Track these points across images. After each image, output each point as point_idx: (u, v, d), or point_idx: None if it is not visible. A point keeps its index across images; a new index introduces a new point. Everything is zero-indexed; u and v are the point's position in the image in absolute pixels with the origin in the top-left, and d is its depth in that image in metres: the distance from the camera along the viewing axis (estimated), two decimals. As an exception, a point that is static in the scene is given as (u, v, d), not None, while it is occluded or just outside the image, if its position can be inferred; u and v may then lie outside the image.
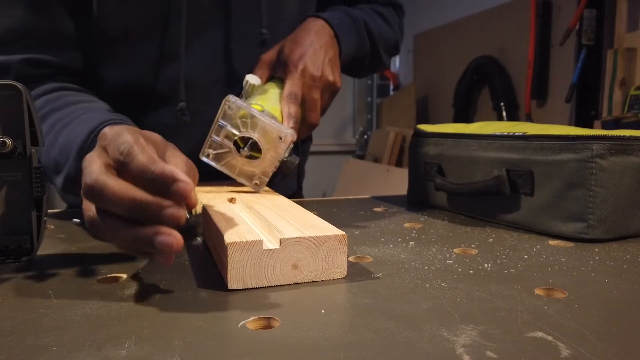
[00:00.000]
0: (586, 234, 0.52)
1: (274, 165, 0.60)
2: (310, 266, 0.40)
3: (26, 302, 0.36)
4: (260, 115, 0.58)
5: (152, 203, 0.34)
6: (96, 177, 0.35)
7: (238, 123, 0.59)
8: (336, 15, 0.75)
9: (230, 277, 0.38)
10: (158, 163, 0.35)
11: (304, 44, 0.67)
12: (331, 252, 0.40)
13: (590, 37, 1.91)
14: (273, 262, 0.39)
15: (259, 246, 0.38)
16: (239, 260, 0.38)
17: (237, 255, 0.38)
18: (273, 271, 0.39)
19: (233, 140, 0.60)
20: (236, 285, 0.38)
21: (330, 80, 0.68)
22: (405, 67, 3.43)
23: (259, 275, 0.39)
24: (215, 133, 0.60)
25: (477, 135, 0.64)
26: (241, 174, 0.62)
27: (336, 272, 0.41)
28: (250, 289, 0.38)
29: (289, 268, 0.39)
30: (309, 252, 0.40)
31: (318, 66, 0.66)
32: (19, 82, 0.44)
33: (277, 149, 0.59)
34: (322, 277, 0.40)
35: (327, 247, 0.40)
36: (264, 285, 0.39)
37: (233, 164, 0.61)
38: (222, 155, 0.61)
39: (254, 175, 0.62)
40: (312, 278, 0.40)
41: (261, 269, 0.38)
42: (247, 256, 0.38)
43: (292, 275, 0.39)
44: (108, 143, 0.38)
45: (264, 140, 0.59)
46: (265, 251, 0.38)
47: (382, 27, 0.84)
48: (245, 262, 0.38)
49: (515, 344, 0.28)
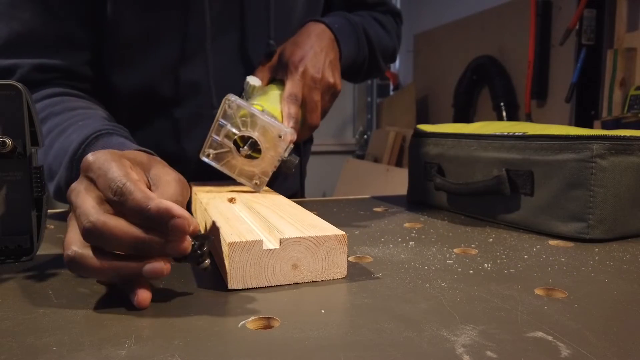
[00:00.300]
0: (586, 234, 0.52)
1: (274, 165, 0.60)
2: (310, 266, 0.40)
3: (26, 302, 0.36)
4: (260, 114, 0.58)
5: (155, 241, 0.34)
6: (95, 220, 0.34)
7: (238, 122, 0.59)
8: (336, 20, 0.75)
9: (231, 277, 0.38)
10: (152, 200, 0.34)
11: (304, 47, 0.67)
12: (331, 252, 0.40)
13: (590, 37, 1.91)
14: (273, 262, 0.39)
15: (259, 246, 0.38)
16: (239, 260, 0.38)
17: (237, 255, 0.38)
18: (273, 271, 0.39)
19: (233, 140, 0.60)
20: (236, 285, 0.38)
21: (330, 82, 0.68)
22: (405, 67, 3.43)
23: (259, 275, 0.39)
24: (215, 132, 0.60)
25: (477, 135, 0.64)
26: (241, 174, 0.62)
27: (336, 272, 0.41)
28: (250, 289, 0.38)
29: (289, 268, 0.39)
30: (309, 252, 0.40)
31: (318, 68, 0.66)
32: (20, 83, 0.44)
33: (276, 148, 0.59)
34: (322, 277, 0.40)
35: (327, 247, 0.40)
36: (264, 285, 0.39)
37: (233, 164, 0.61)
38: (222, 155, 0.61)
39: (254, 175, 0.62)
40: (312, 278, 0.40)
41: (261, 269, 0.38)
42: (247, 256, 0.38)
43: (292, 275, 0.39)
44: (96, 177, 0.36)
45: (263, 139, 0.59)
46: (265, 251, 0.38)
47: (380, 34, 0.85)
48: (245, 262, 0.38)
49: (515, 344, 0.28)
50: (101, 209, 0.35)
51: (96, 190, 0.36)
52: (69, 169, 0.54)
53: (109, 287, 0.39)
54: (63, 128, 0.59)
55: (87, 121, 0.59)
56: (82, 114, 0.61)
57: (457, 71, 2.69)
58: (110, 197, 0.35)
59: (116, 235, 0.33)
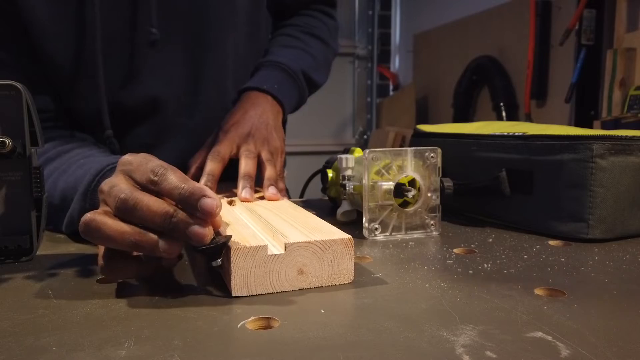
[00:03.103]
0: (586, 234, 0.52)
1: None
2: (317, 271, 0.39)
3: (26, 302, 0.36)
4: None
5: (182, 217, 0.35)
6: (130, 193, 0.36)
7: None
8: (274, 76, 0.75)
9: (234, 284, 0.37)
10: (189, 182, 0.36)
11: (236, 115, 0.67)
12: (338, 257, 0.39)
13: (590, 37, 1.91)
14: (278, 267, 0.38)
15: (263, 251, 0.37)
16: (243, 267, 0.37)
17: (241, 262, 0.37)
18: (278, 277, 0.38)
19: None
20: (240, 292, 0.37)
21: (273, 144, 0.67)
22: (405, 67, 3.43)
23: (264, 281, 0.37)
24: None
25: (477, 135, 0.64)
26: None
27: (343, 277, 0.40)
28: (254, 296, 0.38)
29: (295, 274, 0.38)
30: (315, 257, 0.39)
31: (248, 126, 0.66)
32: (20, 83, 0.44)
33: None
34: (329, 282, 0.39)
35: (333, 252, 0.39)
36: (268, 291, 0.38)
37: None
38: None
39: None
40: (318, 283, 0.39)
41: (266, 275, 0.37)
42: (252, 262, 0.37)
43: (298, 280, 0.38)
44: (135, 168, 0.39)
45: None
46: (270, 256, 0.37)
47: (319, 60, 0.85)
48: (250, 268, 0.37)
49: (515, 344, 0.28)
50: (135, 189, 0.38)
51: (131, 180, 0.39)
52: (82, 200, 0.53)
53: (109, 287, 0.39)
54: (64, 169, 0.58)
55: (92, 159, 0.58)
56: (79, 153, 0.61)
57: (457, 71, 2.69)
58: (151, 177, 0.37)
59: (148, 207, 0.36)
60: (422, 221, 0.56)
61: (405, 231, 0.55)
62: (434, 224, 0.56)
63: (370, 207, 0.53)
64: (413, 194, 0.54)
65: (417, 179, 0.55)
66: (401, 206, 0.55)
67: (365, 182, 0.53)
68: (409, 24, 3.34)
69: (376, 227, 0.54)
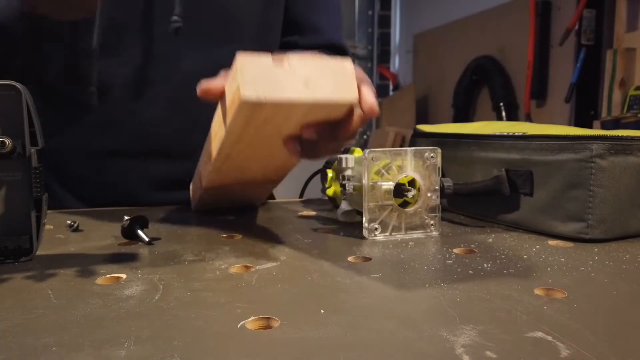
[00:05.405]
0: (585, 234, 0.52)
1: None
2: (321, 83, 0.41)
3: (26, 302, 0.36)
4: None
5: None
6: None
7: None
8: None
9: (243, 82, 0.38)
10: None
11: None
12: (339, 74, 0.41)
13: (590, 37, 1.91)
14: (284, 78, 0.39)
15: (267, 60, 0.39)
16: (249, 71, 0.38)
17: (247, 67, 0.38)
18: (284, 86, 0.39)
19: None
20: (249, 92, 0.38)
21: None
22: (405, 67, 3.43)
23: (271, 87, 0.39)
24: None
25: (477, 135, 0.64)
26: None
27: (347, 93, 0.42)
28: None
29: (301, 86, 0.40)
30: (317, 71, 0.41)
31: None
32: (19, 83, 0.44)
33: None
34: (334, 95, 0.41)
35: (334, 69, 0.41)
36: (276, 97, 0.39)
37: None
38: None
39: None
40: (323, 96, 0.41)
41: (272, 83, 0.39)
42: (257, 69, 0.38)
43: (304, 93, 0.40)
44: None
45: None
46: (275, 66, 0.39)
47: None
48: (256, 75, 0.38)
49: (515, 344, 0.28)
50: None
51: None
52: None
53: (109, 287, 0.39)
54: None
55: None
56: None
57: (457, 71, 2.69)
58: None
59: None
60: (422, 221, 0.56)
61: (405, 231, 0.55)
62: (434, 224, 0.56)
63: (370, 207, 0.53)
64: (413, 194, 0.54)
65: (417, 179, 0.54)
66: (401, 206, 0.54)
67: (365, 182, 0.53)
68: (409, 24, 3.34)
69: (376, 227, 0.54)
